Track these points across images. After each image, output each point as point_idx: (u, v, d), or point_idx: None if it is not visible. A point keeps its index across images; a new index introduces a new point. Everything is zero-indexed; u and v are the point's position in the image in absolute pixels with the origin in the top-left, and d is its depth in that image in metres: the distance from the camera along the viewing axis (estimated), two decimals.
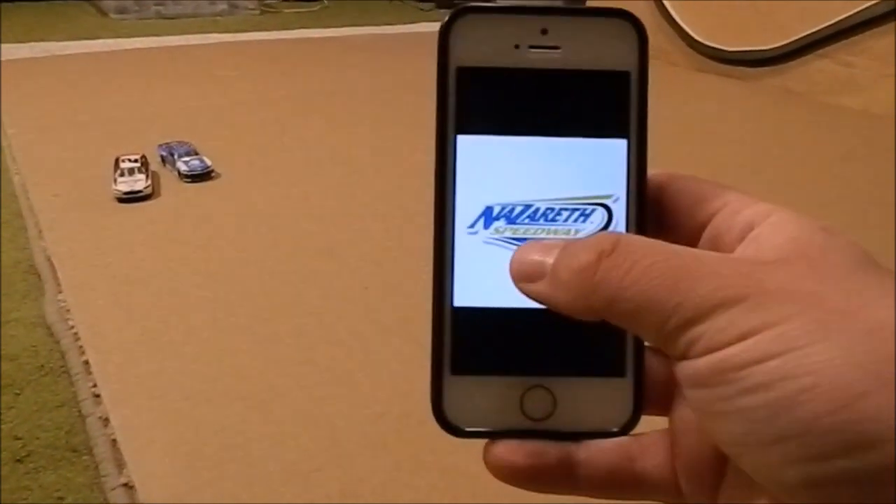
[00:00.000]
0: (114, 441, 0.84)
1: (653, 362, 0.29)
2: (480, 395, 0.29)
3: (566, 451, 0.28)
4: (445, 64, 0.29)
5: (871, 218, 1.41)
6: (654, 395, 0.29)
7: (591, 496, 0.28)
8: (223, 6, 3.89)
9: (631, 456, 0.28)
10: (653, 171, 0.30)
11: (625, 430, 0.28)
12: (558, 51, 0.30)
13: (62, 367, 1.00)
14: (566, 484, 0.28)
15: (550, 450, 0.28)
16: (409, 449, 0.82)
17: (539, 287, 0.26)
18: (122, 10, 3.69)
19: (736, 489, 0.25)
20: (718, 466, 0.26)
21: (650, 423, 0.29)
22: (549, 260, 0.26)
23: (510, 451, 0.28)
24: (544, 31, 0.30)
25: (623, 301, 0.24)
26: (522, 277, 0.27)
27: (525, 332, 0.29)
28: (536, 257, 0.27)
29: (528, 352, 0.29)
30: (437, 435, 0.27)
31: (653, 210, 0.29)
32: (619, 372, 0.29)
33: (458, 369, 0.29)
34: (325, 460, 0.81)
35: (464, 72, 0.29)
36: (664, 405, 0.28)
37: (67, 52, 2.93)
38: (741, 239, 0.27)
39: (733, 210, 0.28)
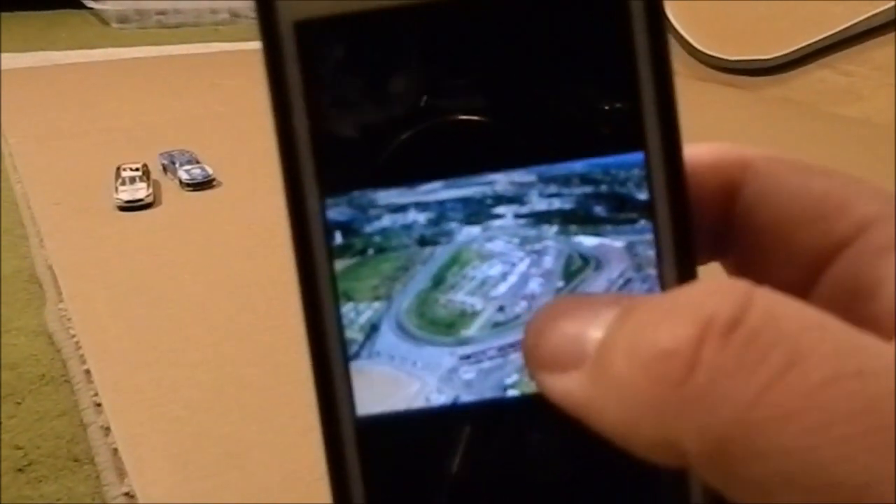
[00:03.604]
0: (115, 450, 0.84)
1: None
2: None
3: None
4: (271, 22, 0.16)
5: None
6: None
7: None
8: (224, 15, 3.90)
9: None
10: (718, 146, 0.18)
11: None
12: None
13: (63, 375, 1.00)
14: None
15: None
16: None
17: (571, 384, 0.15)
18: (123, 20, 3.69)
19: None
20: None
21: None
22: (596, 333, 0.15)
23: None
24: None
25: (762, 443, 0.12)
26: (545, 362, 0.15)
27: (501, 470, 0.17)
28: (572, 329, 0.15)
29: None
30: None
31: (718, 220, 0.17)
32: None
33: None
34: (326, 469, 0.80)
35: (308, 32, 0.16)
36: None
37: (69, 61, 2.92)
38: None
39: (879, 244, 0.15)
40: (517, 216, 0.17)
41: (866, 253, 0.15)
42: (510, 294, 0.17)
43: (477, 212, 0.17)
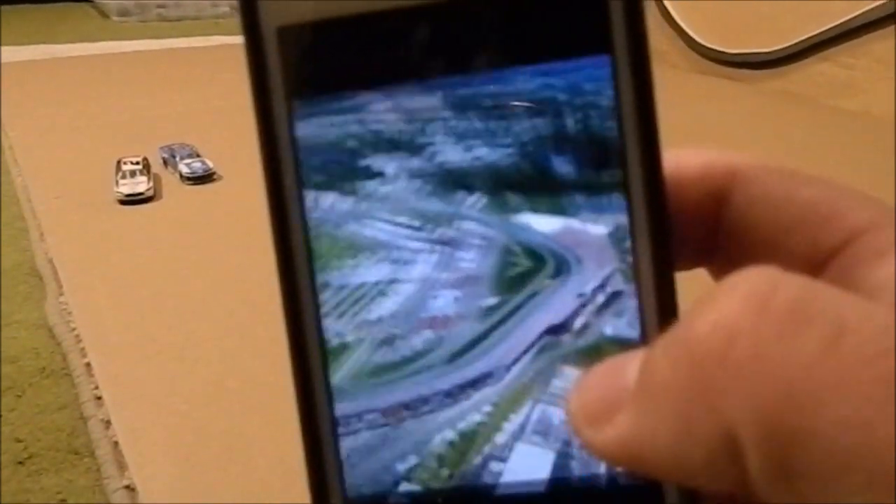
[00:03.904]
0: (115, 443, 0.84)
1: None
2: None
3: None
4: (255, 26, 0.15)
5: None
6: None
7: None
8: (225, 8, 3.90)
9: None
10: (706, 153, 0.16)
11: None
12: None
13: (64, 369, 1.00)
14: None
15: None
16: None
17: (619, 426, 0.14)
18: (123, 13, 3.69)
19: None
20: None
21: None
22: (632, 371, 0.14)
23: None
24: None
25: (818, 416, 0.11)
26: (590, 417, 0.14)
27: None
28: (607, 377, 0.14)
29: None
30: None
31: (705, 227, 0.16)
32: None
33: None
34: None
35: (289, 34, 0.15)
36: None
37: (69, 54, 2.93)
38: None
39: (874, 250, 0.14)
40: (413, 176, 0.11)
41: (859, 260, 0.15)
42: (402, 316, 0.11)
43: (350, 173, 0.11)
